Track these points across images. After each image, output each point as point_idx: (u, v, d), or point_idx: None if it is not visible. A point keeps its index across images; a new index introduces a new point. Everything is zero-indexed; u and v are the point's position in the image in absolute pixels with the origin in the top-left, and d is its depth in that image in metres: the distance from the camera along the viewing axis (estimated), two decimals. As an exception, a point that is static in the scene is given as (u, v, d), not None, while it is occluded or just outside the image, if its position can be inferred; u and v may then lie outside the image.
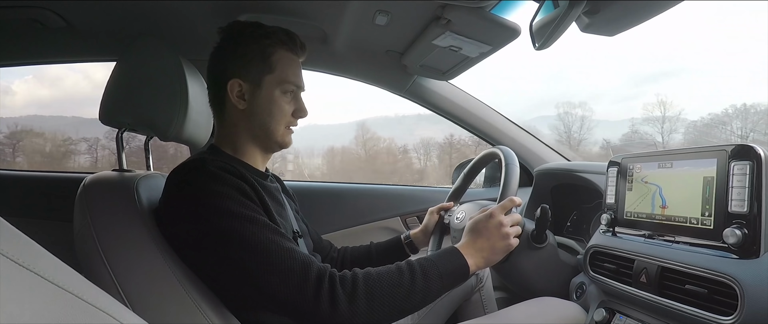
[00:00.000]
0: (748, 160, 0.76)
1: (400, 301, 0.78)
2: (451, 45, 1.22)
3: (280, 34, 0.92)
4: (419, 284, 0.80)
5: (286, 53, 0.93)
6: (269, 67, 0.91)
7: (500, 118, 1.74)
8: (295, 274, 0.74)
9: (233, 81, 0.90)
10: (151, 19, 1.26)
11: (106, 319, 0.34)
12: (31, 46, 1.43)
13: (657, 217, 0.94)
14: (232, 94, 0.90)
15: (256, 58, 0.90)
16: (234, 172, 0.81)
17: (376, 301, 0.76)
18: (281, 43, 0.92)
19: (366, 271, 0.79)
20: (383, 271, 0.80)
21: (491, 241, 0.90)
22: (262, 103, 0.91)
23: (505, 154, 1.06)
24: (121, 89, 0.93)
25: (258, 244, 0.74)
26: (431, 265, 0.83)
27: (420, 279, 0.80)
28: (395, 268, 0.82)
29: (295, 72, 0.94)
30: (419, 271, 0.81)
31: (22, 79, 4.84)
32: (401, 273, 0.80)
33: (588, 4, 0.80)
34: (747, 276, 0.72)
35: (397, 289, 0.78)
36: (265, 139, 0.94)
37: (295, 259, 0.75)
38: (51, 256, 0.33)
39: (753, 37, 9.16)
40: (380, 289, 0.76)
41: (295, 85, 0.94)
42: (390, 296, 0.77)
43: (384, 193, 1.86)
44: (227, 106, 0.92)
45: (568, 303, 1.09)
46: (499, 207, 0.94)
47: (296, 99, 0.96)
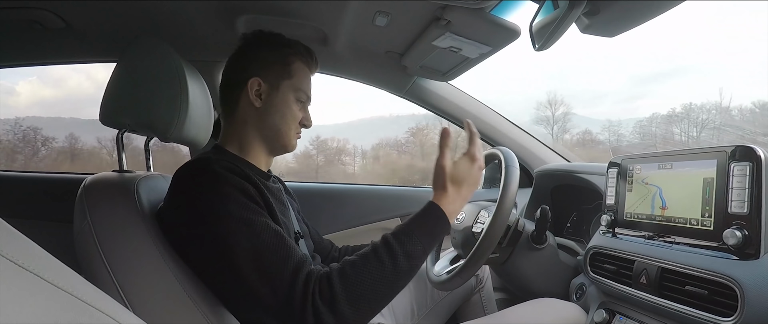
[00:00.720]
0: (748, 162, 0.76)
1: (386, 291, 0.76)
2: (451, 46, 1.22)
3: (300, 47, 0.98)
4: (403, 268, 0.77)
5: (303, 65, 0.99)
6: (288, 74, 0.96)
7: (500, 119, 1.74)
8: (284, 283, 0.72)
9: (254, 79, 0.93)
10: (151, 20, 1.26)
11: (106, 320, 0.34)
12: (31, 47, 1.43)
13: (657, 218, 0.94)
14: (251, 91, 0.93)
15: (278, 63, 0.95)
16: (238, 172, 0.81)
17: (362, 300, 0.73)
18: (300, 55, 0.98)
19: (341, 271, 0.75)
20: (360, 263, 0.76)
21: (473, 186, 0.88)
22: (277, 104, 0.95)
23: (505, 155, 1.06)
24: (121, 90, 0.93)
25: (252, 249, 0.74)
26: (414, 242, 0.79)
27: (403, 262, 0.77)
28: (373, 256, 0.77)
29: (308, 84, 1.00)
30: (402, 254, 0.77)
31: (26, 80, 4.86)
32: (381, 262, 0.76)
33: (588, 5, 0.80)
34: (747, 277, 0.72)
35: (381, 282, 0.75)
36: (273, 140, 0.96)
37: (287, 267, 0.74)
38: (51, 257, 0.33)
39: (753, 36, 9.13)
40: (362, 288, 0.74)
41: (307, 96, 1.00)
42: (374, 291, 0.74)
43: (384, 194, 1.86)
44: (241, 104, 0.94)
45: (568, 304, 1.09)
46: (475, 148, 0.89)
47: (304, 109, 1.01)
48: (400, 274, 0.77)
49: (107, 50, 1.45)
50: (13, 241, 0.30)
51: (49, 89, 5.19)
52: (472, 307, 1.34)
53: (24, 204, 1.71)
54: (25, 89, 5.03)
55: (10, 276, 0.27)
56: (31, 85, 4.92)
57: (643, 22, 0.84)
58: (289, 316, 0.72)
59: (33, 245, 0.32)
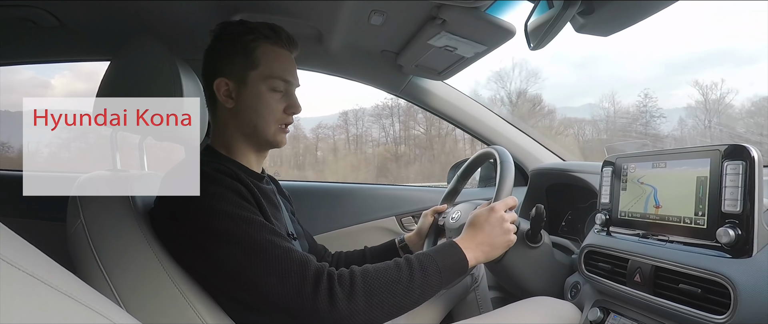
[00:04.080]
0: (741, 160, 0.77)
1: (399, 298, 0.77)
2: (447, 45, 1.22)
3: (263, 29, 0.90)
4: (418, 280, 0.79)
5: (271, 47, 0.91)
6: (253, 63, 0.89)
7: (495, 117, 1.75)
8: (292, 274, 0.73)
9: (219, 80, 0.90)
10: (145, 18, 1.25)
11: (100, 319, 0.33)
12: (24, 45, 1.42)
13: (651, 217, 0.94)
14: (220, 93, 0.90)
15: (240, 54, 0.89)
16: (229, 173, 0.81)
17: (375, 298, 0.75)
18: (265, 38, 0.90)
19: (364, 269, 0.79)
20: (381, 267, 0.80)
21: (492, 236, 0.90)
22: (248, 100, 0.90)
23: (500, 153, 1.06)
24: (115, 89, 0.92)
25: (254, 244, 0.74)
26: (430, 260, 0.83)
27: (418, 275, 0.80)
28: (393, 264, 0.81)
29: (282, 66, 0.92)
30: (418, 267, 0.80)
31: (61, 74, 4.96)
32: (399, 269, 0.79)
33: (582, 4, 0.80)
34: (740, 275, 0.73)
35: (396, 285, 0.77)
36: (256, 138, 0.93)
37: (292, 259, 0.74)
38: (44, 256, 0.32)
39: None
40: (379, 286, 0.76)
41: (283, 80, 0.92)
42: (389, 293, 0.76)
43: (379, 192, 1.86)
44: (218, 106, 0.92)
45: (563, 302, 1.09)
46: (502, 202, 0.94)
47: (288, 95, 0.93)
48: (414, 284, 0.79)
49: (101, 48, 1.44)
50: (7, 241, 0.30)
51: (80, 83, 5.22)
52: (467, 306, 1.34)
53: (17, 203, 1.70)
54: (60, 83, 5.04)
55: (4, 276, 0.27)
56: (64, 78, 4.94)
57: (637, 22, 0.84)
58: (299, 306, 0.73)
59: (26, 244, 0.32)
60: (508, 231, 0.92)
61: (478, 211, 0.94)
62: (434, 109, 1.73)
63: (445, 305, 1.29)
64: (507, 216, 0.92)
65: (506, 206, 0.94)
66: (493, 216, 0.91)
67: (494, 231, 0.90)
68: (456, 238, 0.90)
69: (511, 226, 0.93)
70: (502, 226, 0.91)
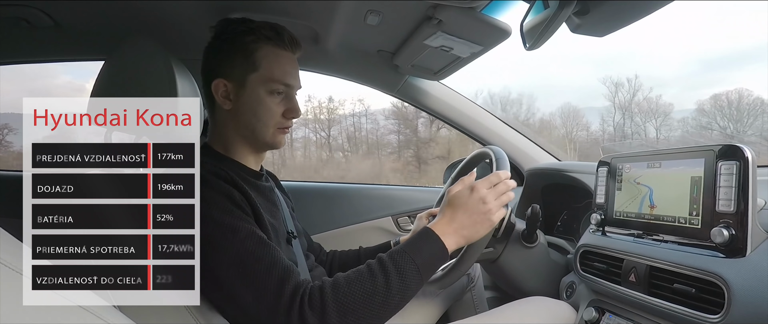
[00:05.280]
0: (735, 160, 0.77)
1: (377, 310, 0.73)
2: (443, 45, 1.22)
3: (265, 30, 0.88)
4: (395, 286, 0.74)
5: (273, 49, 0.89)
6: (253, 65, 0.87)
7: (491, 118, 1.75)
8: (268, 292, 0.71)
9: (218, 81, 0.88)
10: (140, 18, 1.25)
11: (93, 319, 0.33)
12: (18, 45, 1.41)
13: (646, 217, 0.95)
14: (218, 94, 0.88)
15: (239, 55, 0.87)
16: (224, 177, 0.80)
17: (350, 316, 0.71)
18: (266, 39, 0.88)
19: (334, 283, 0.74)
20: (353, 278, 0.75)
21: (473, 217, 0.82)
22: (247, 103, 0.88)
23: (496, 153, 1.06)
24: (109, 89, 0.92)
25: (235, 255, 0.73)
26: (406, 260, 0.77)
27: (395, 280, 0.75)
28: (367, 272, 0.76)
29: (283, 69, 0.89)
30: (394, 271, 0.75)
31: (93, 77, 4.97)
32: (374, 278, 0.74)
33: (578, 4, 0.80)
34: (734, 275, 0.73)
35: (372, 298, 0.73)
36: (254, 140, 0.92)
37: (271, 275, 0.72)
38: None
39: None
40: (353, 302, 0.72)
41: (284, 84, 0.89)
42: (366, 308, 0.72)
43: (376, 193, 1.86)
44: (216, 106, 0.91)
45: (559, 302, 1.09)
46: (484, 180, 0.86)
47: (288, 98, 0.91)
48: (391, 291, 0.74)
49: (96, 48, 1.43)
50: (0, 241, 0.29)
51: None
52: (463, 306, 1.34)
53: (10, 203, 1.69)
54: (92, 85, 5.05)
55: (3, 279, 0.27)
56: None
57: (633, 22, 0.84)
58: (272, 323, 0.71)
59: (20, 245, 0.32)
60: (490, 211, 0.83)
61: (457, 189, 0.85)
62: (430, 109, 1.73)
63: (441, 305, 1.29)
64: (489, 195, 0.84)
65: (489, 184, 0.85)
66: (473, 196, 0.83)
67: (474, 213, 0.83)
68: (434, 223, 0.84)
69: (495, 205, 0.84)
70: (482, 206, 0.82)
